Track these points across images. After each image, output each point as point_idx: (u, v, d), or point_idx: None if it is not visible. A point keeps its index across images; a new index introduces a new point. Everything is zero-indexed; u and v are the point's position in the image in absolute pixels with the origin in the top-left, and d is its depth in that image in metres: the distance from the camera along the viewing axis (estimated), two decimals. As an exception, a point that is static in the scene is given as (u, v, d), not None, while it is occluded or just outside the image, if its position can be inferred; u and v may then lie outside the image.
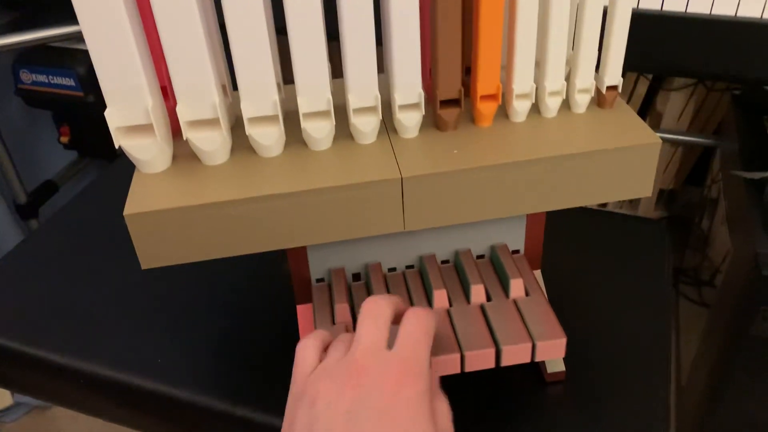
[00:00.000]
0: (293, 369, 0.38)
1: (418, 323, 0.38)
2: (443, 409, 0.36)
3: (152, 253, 0.41)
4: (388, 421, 0.32)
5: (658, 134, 0.44)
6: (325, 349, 0.39)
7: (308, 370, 0.37)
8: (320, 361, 0.38)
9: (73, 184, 1.27)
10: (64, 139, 1.12)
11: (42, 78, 1.05)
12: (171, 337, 0.55)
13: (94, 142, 1.15)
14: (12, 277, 0.63)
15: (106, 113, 0.40)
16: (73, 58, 1.04)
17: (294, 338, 0.49)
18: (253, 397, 0.49)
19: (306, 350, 0.39)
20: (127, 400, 0.54)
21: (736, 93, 1.28)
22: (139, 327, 0.56)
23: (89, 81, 1.04)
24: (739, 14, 0.75)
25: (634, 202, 1.60)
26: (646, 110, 1.42)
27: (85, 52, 1.05)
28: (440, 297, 0.47)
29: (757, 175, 0.91)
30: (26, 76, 1.05)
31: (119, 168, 0.79)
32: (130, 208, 0.40)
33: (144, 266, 0.42)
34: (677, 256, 1.59)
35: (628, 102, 1.39)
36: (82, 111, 1.07)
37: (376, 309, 0.38)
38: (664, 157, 1.46)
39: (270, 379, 0.51)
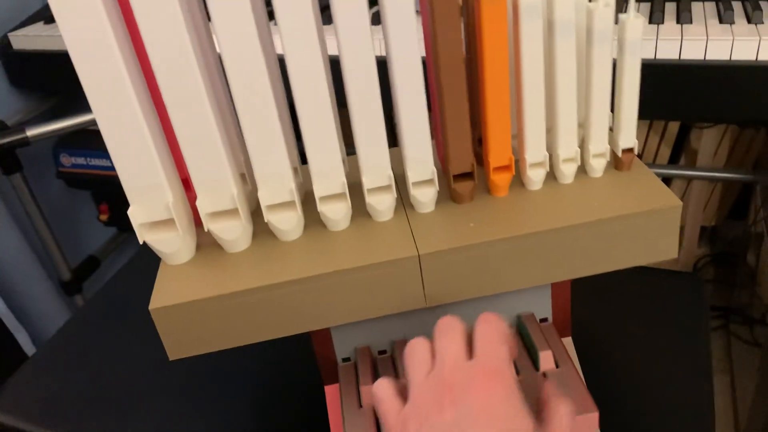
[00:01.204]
0: (378, 408, 0.40)
1: (491, 327, 0.39)
2: None
3: (179, 343, 0.42)
4: (491, 423, 0.34)
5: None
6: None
7: (396, 405, 0.39)
8: (399, 392, 0.39)
9: (113, 258, 1.31)
10: (104, 217, 1.17)
11: (81, 160, 1.10)
12: (207, 418, 0.55)
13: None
14: (54, 362, 0.64)
15: (129, 211, 0.41)
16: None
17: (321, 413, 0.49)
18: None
19: (383, 389, 0.40)
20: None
21: (770, 126, 1.25)
22: (173, 409, 0.57)
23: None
24: (760, 58, 0.74)
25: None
26: (680, 148, 1.40)
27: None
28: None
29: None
30: (66, 160, 1.10)
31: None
32: (155, 302, 0.41)
33: (171, 357, 0.42)
34: (725, 295, 1.54)
35: (660, 140, 1.37)
36: (119, 189, 1.10)
37: (449, 324, 0.40)
38: (704, 194, 1.43)
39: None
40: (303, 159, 0.44)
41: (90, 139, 1.09)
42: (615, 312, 0.59)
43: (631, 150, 0.46)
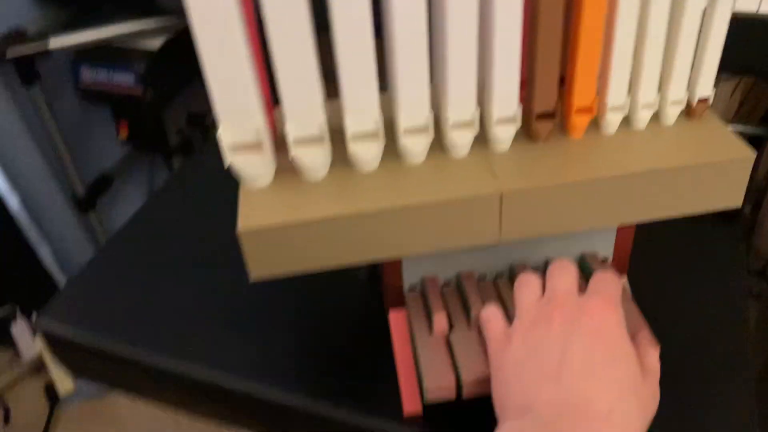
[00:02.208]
0: (485, 328, 0.43)
1: (607, 277, 0.42)
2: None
3: (261, 265, 0.43)
4: (599, 341, 0.37)
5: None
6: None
7: (503, 324, 0.42)
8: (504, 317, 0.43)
9: (126, 178, 1.30)
10: (124, 135, 1.15)
11: (103, 76, 1.07)
12: (251, 337, 0.57)
13: (149, 138, 1.18)
14: (100, 277, 0.65)
15: (219, 132, 0.41)
16: (133, 57, 1.06)
17: (375, 338, 0.52)
18: (335, 394, 0.51)
19: (492, 311, 0.44)
20: (207, 395, 0.56)
21: (787, 81, 1.25)
22: (220, 326, 0.58)
23: (148, 78, 1.06)
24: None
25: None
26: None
27: (144, 51, 1.08)
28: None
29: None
30: (87, 74, 1.07)
31: (191, 168, 0.81)
32: (243, 225, 0.41)
33: (253, 278, 0.43)
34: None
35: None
36: (140, 108, 1.09)
37: (564, 265, 0.43)
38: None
39: (353, 377, 0.52)
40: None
41: (112, 54, 1.06)
42: (659, 256, 0.61)
43: (706, 100, 0.47)
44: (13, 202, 1.02)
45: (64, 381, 1.18)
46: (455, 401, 0.44)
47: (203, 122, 1.21)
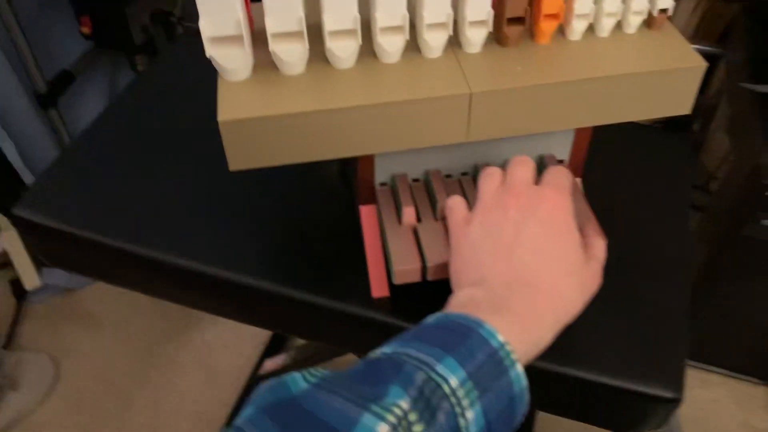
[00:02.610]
0: (449, 216, 0.47)
1: (560, 171, 0.45)
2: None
3: (240, 156, 0.45)
4: (549, 225, 0.41)
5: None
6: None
7: (465, 211, 0.46)
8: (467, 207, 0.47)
9: (88, 75, 1.28)
10: (85, 30, 1.12)
11: (63, -33, 1.03)
12: (226, 226, 0.59)
13: (113, 35, 1.15)
14: (73, 169, 0.66)
15: (200, 24, 0.42)
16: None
17: (346, 229, 0.56)
18: (308, 281, 0.55)
19: (456, 200, 0.47)
20: (182, 280, 0.59)
21: (747, 2, 1.28)
22: (193, 216, 0.60)
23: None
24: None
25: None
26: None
27: (106, -59, 1.03)
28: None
29: (766, 88, 0.95)
30: (47, -36, 1.03)
31: (158, 68, 0.81)
32: (223, 115, 0.43)
33: (232, 168, 0.46)
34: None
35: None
36: (104, 2, 1.06)
37: (524, 160, 0.46)
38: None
39: (325, 266, 0.56)
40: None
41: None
42: (613, 161, 0.65)
43: (665, 11, 0.49)
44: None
45: (29, 275, 1.20)
46: (420, 283, 0.48)
47: (167, 20, 1.19)
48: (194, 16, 0.58)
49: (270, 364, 1.22)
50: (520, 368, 0.36)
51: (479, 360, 0.35)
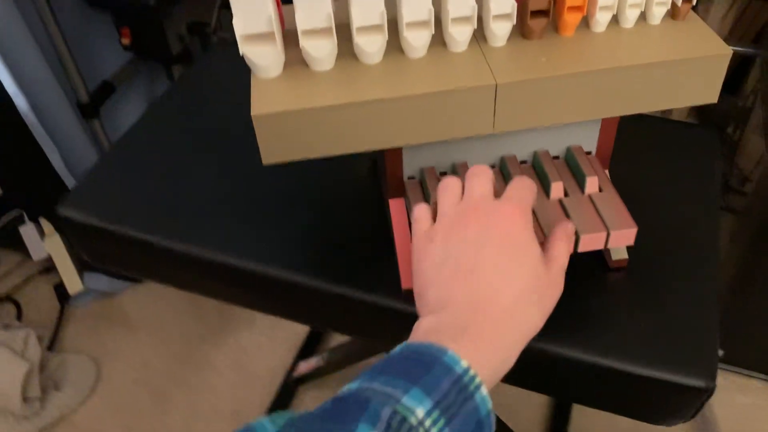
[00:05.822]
0: (413, 226, 0.47)
1: (522, 182, 0.45)
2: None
3: (272, 149, 0.47)
4: (509, 243, 0.42)
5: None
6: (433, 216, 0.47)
7: (427, 225, 0.46)
8: (434, 216, 0.46)
9: (128, 86, 1.32)
10: (125, 41, 1.16)
11: (105, -19, 1.07)
12: (262, 223, 0.61)
13: (151, 45, 1.18)
14: (114, 171, 0.69)
15: (234, 22, 0.44)
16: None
17: (377, 224, 0.57)
18: (339, 274, 0.56)
19: (421, 211, 0.47)
20: (220, 276, 0.61)
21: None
22: (231, 214, 0.62)
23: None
24: None
25: (665, 111, 1.61)
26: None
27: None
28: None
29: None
30: (90, -22, 1.07)
31: (193, 75, 0.83)
32: (257, 109, 0.45)
33: (265, 162, 0.47)
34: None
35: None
36: (143, 14, 1.10)
37: (480, 169, 0.46)
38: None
39: (355, 259, 0.57)
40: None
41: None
42: (641, 154, 0.65)
43: (689, 1, 0.50)
44: (22, 106, 1.04)
45: (72, 280, 1.24)
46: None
47: (204, 31, 1.22)
48: (228, 26, 0.60)
49: (303, 366, 1.23)
50: (485, 391, 0.36)
51: (444, 388, 0.35)
